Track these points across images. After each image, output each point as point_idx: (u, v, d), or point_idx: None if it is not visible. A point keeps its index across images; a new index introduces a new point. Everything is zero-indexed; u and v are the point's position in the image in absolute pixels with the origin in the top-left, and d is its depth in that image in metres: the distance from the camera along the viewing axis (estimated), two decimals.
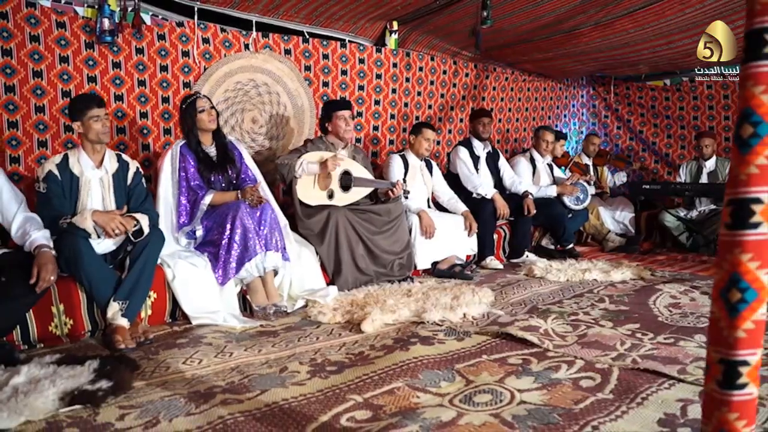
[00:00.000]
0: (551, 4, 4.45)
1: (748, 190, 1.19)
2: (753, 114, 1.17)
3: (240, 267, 3.25)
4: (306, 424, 1.92)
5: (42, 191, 2.88)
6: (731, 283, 1.21)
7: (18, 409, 1.94)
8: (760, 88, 1.17)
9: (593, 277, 4.10)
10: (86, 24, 3.81)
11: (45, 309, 2.74)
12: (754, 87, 1.17)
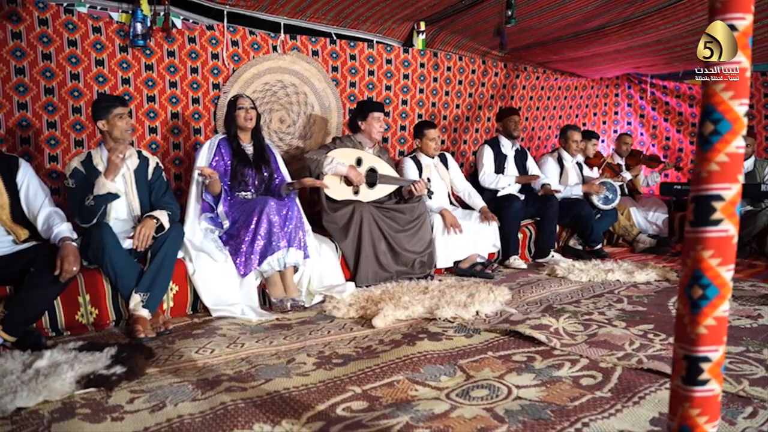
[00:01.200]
0: (576, 2, 4.42)
1: (709, 187, 1.20)
2: (713, 111, 1.19)
3: (262, 260, 3.36)
4: (303, 411, 2.00)
5: (71, 186, 3.04)
6: (693, 279, 1.23)
7: (37, 390, 2.07)
8: (721, 85, 1.18)
9: (616, 278, 4.05)
10: (120, 28, 3.98)
11: (72, 298, 2.90)
12: (714, 84, 1.18)
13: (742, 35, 1.17)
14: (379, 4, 4.58)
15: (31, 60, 3.70)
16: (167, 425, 1.90)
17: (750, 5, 1.16)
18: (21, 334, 2.61)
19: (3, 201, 2.82)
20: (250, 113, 3.62)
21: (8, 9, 3.60)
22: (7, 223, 2.81)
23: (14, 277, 2.71)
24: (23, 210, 2.88)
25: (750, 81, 1.27)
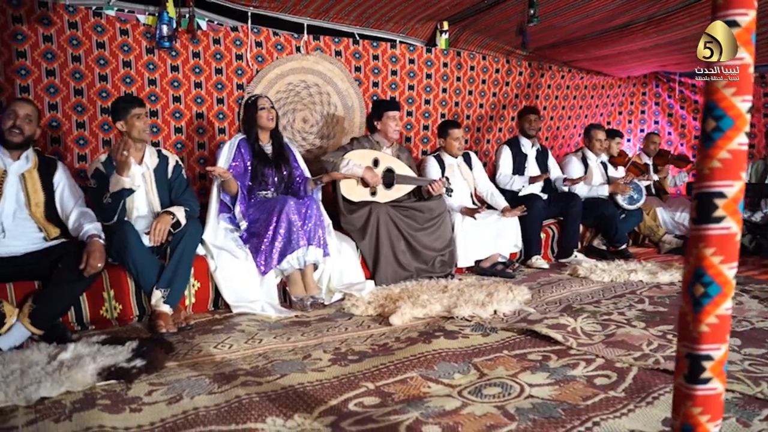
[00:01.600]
0: (599, 1, 4.38)
1: (712, 184, 1.19)
2: (716, 108, 1.18)
3: (282, 258, 3.40)
4: (315, 406, 2.03)
5: (93, 186, 3.13)
6: (695, 277, 1.22)
7: (60, 381, 2.15)
8: (723, 82, 1.17)
9: (639, 279, 4.01)
10: (147, 31, 4.07)
11: (97, 294, 2.98)
12: (718, 81, 1.18)
13: (745, 31, 1.16)
14: (401, 4, 4.59)
15: (62, 62, 3.81)
16: (183, 417, 1.95)
17: (753, 1, 1.15)
18: (48, 328, 2.70)
19: (39, 199, 2.92)
20: (272, 113, 3.68)
21: (40, 13, 3.71)
22: (40, 221, 2.91)
23: (43, 273, 2.80)
24: (57, 209, 2.98)
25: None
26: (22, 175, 2.86)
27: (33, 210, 2.87)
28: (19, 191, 2.84)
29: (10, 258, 2.79)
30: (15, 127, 2.80)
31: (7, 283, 2.77)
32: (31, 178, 2.89)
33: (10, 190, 2.82)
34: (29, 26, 3.69)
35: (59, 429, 1.86)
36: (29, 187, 2.87)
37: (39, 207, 2.89)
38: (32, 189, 2.87)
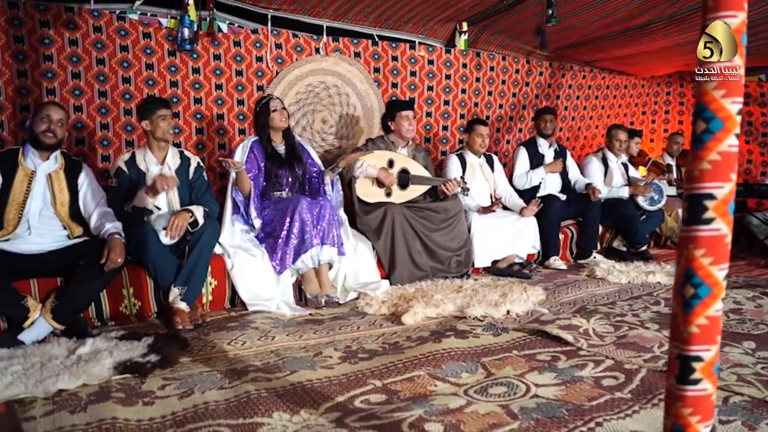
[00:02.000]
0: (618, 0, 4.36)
1: (702, 185, 1.20)
2: (706, 110, 1.19)
3: (296, 258, 3.45)
4: (322, 402, 2.07)
5: (114, 185, 3.22)
6: (686, 278, 1.23)
7: (77, 374, 2.22)
8: (713, 83, 1.18)
9: (657, 280, 3.97)
10: (169, 34, 4.16)
11: (117, 291, 3.07)
12: (706, 83, 1.18)
13: (735, 33, 1.16)
14: (419, 5, 4.62)
15: (86, 65, 3.92)
16: (193, 410, 2.00)
17: (743, 3, 1.16)
18: (69, 323, 2.79)
19: (64, 199, 3.01)
20: (284, 114, 3.73)
21: (66, 17, 3.82)
22: (65, 219, 3.01)
23: (65, 270, 2.90)
24: (80, 209, 3.07)
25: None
26: (49, 176, 2.96)
27: (58, 209, 2.97)
28: (46, 191, 2.95)
29: (35, 255, 2.89)
30: (49, 131, 2.90)
31: (31, 279, 2.87)
32: (58, 178, 2.98)
33: (38, 190, 2.92)
34: (56, 30, 3.80)
35: (74, 420, 1.92)
36: (55, 187, 2.96)
37: (64, 206, 2.98)
38: (58, 189, 2.97)
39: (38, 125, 2.89)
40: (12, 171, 2.87)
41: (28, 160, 2.93)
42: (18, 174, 2.88)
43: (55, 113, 2.92)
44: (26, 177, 2.90)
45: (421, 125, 5.30)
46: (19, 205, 2.86)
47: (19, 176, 2.88)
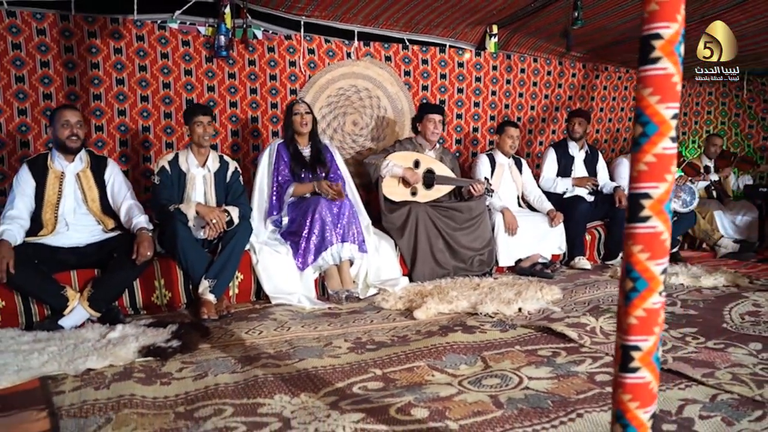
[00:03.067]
0: None
1: (639, 186, 1.28)
2: (642, 114, 1.27)
3: (317, 255, 3.62)
4: (322, 387, 2.21)
5: (156, 183, 3.46)
6: (626, 273, 1.31)
7: (105, 355, 2.44)
8: (648, 90, 1.26)
9: (680, 282, 3.96)
10: (206, 41, 4.40)
11: (149, 282, 3.30)
12: (643, 89, 1.27)
13: (668, 43, 1.24)
14: (448, 10, 4.73)
15: (129, 72, 4.19)
16: (204, 390, 2.18)
17: (675, 15, 1.23)
18: (104, 311, 3.03)
19: (94, 195, 3.27)
20: (305, 118, 3.88)
21: (111, 28, 4.10)
22: (97, 214, 3.26)
23: (101, 261, 3.15)
24: (109, 202, 3.32)
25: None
26: (78, 175, 3.22)
27: (90, 205, 3.22)
28: (76, 189, 3.20)
29: (74, 248, 3.15)
30: (73, 135, 3.16)
31: (71, 271, 3.12)
32: (86, 176, 3.24)
33: (69, 190, 3.18)
34: (102, 40, 4.08)
35: (97, 395, 2.13)
36: (84, 185, 3.22)
37: (95, 202, 3.24)
38: (87, 186, 3.23)
39: (61, 132, 3.13)
40: (43, 175, 3.14)
41: (56, 163, 3.19)
42: (49, 177, 3.15)
43: (72, 117, 3.16)
44: (57, 179, 3.16)
45: (451, 126, 5.40)
46: (54, 205, 3.13)
47: (50, 179, 3.15)
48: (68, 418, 1.95)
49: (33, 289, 2.95)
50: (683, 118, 6.89)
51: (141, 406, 2.04)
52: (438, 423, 1.90)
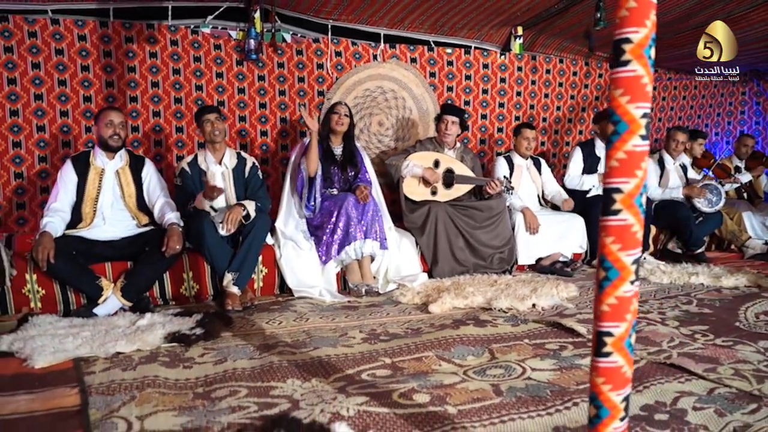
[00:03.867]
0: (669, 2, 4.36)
1: (611, 181, 1.37)
2: (614, 114, 1.35)
3: (341, 249, 3.75)
4: (332, 373, 2.33)
5: (178, 184, 3.66)
6: (599, 263, 1.40)
7: (134, 340, 2.61)
8: (619, 90, 1.34)
9: (700, 281, 3.95)
10: (237, 45, 4.58)
11: (178, 275, 3.48)
12: (615, 90, 1.35)
13: (637, 46, 1.32)
14: (472, 12, 4.81)
15: (164, 75, 4.40)
16: (222, 374, 2.33)
17: (644, 20, 1.32)
18: (135, 300, 3.22)
19: (131, 192, 3.47)
20: (342, 119, 4.02)
21: (147, 33, 4.32)
22: (133, 209, 3.46)
23: (134, 254, 3.34)
24: (145, 199, 3.51)
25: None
26: (117, 172, 3.42)
27: (127, 201, 3.42)
28: (115, 186, 3.41)
29: (110, 242, 3.35)
30: (115, 134, 3.36)
31: (106, 263, 3.32)
32: (124, 174, 3.44)
33: (108, 186, 3.39)
34: (138, 45, 4.30)
35: (124, 376, 2.29)
36: (123, 182, 3.42)
37: (131, 198, 3.43)
38: (125, 183, 3.42)
39: (104, 131, 3.34)
40: (85, 171, 3.35)
41: (98, 159, 3.40)
42: (90, 173, 3.36)
43: (116, 117, 3.37)
44: (97, 175, 3.37)
45: (476, 127, 5.47)
46: (93, 200, 3.33)
47: (91, 175, 3.35)
48: (97, 395, 2.12)
49: (71, 279, 3.16)
50: (716, 118, 6.81)
51: (163, 387, 2.19)
52: (437, 407, 2.01)
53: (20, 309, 3.19)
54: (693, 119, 6.63)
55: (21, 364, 2.41)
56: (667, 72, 6.23)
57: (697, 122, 6.65)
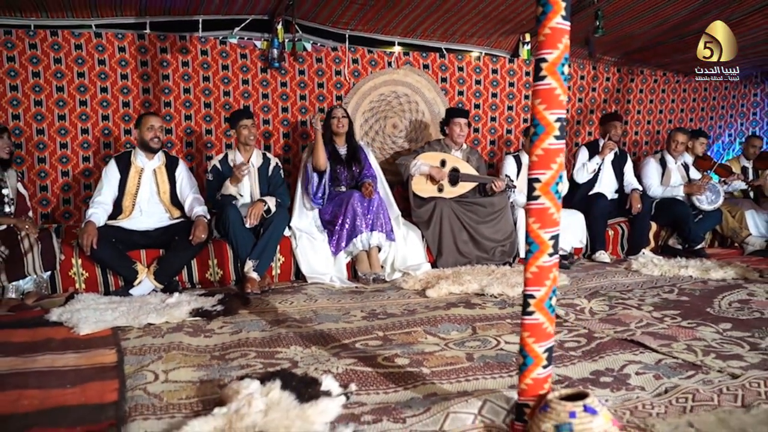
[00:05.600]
0: (668, 9, 4.61)
1: (532, 172, 1.70)
2: (534, 119, 1.69)
3: (349, 241, 4.12)
4: (330, 342, 2.70)
5: (209, 179, 4.07)
6: (525, 239, 1.73)
7: (162, 314, 3.03)
8: (539, 100, 1.68)
9: (689, 274, 4.19)
10: (261, 54, 5.00)
11: (204, 261, 3.90)
12: (535, 99, 1.68)
13: (551, 65, 1.65)
14: (480, 21, 5.13)
15: (195, 82, 4.83)
16: (237, 341, 2.72)
17: (557, 43, 1.65)
18: (166, 283, 3.65)
19: (166, 189, 3.91)
20: (341, 121, 4.39)
21: (180, 44, 4.76)
22: (167, 204, 3.90)
23: (165, 243, 3.77)
24: (177, 195, 3.94)
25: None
26: (154, 171, 3.86)
27: (162, 196, 3.86)
28: (152, 183, 3.85)
29: (145, 231, 3.79)
30: (155, 137, 3.81)
31: (141, 250, 3.76)
32: (161, 172, 3.88)
33: (146, 182, 3.83)
34: (172, 55, 4.75)
35: (154, 342, 2.70)
36: (159, 180, 3.86)
37: (166, 194, 3.87)
38: (161, 180, 3.86)
39: (146, 134, 3.78)
40: (127, 169, 3.81)
41: (138, 159, 3.85)
42: (131, 171, 3.81)
43: (156, 122, 3.82)
44: (137, 173, 3.82)
45: (486, 129, 5.78)
46: (133, 194, 3.78)
47: (132, 173, 3.81)
48: (131, 355, 2.53)
49: (111, 263, 3.61)
50: (729, 119, 6.97)
51: (186, 350, 2.59)
52: (414, 369, 2.36)
53: (67, 289, 3.64)
54: (705, 121, 6.79)
55: (69, 331, 2.85)
56: (675, 75, 6.43)
57: (709, 123, 6.81)
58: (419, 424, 1.82)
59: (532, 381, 1.75)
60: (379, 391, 2.14)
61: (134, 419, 1.88)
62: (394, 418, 1.86)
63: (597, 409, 1.60)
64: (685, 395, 2.06)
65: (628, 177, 5.32)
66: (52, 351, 2.58)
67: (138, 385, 2.17)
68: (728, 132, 6.99)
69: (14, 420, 1.89)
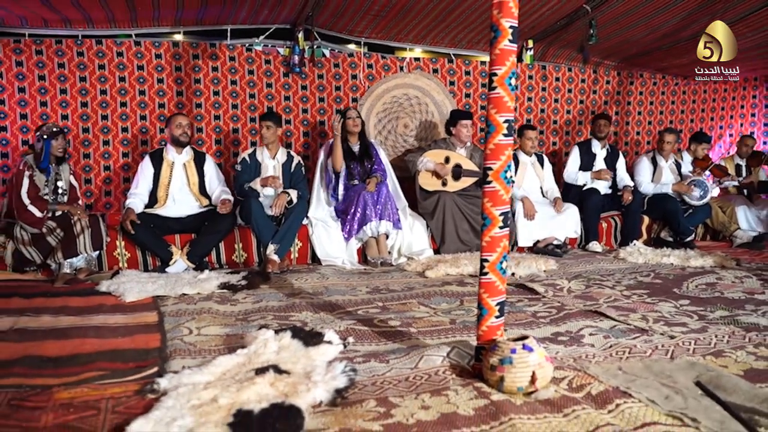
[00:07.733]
0: (659, 18, 4.98)
1: (487, 162, 2.15)
2: (488, 120, 2.13)
3: (360, 229, 4.59)
4: (336, 310, 3.17)
5: (238, 170, 4.60)
6: (481, 216, 2.18)
7: (195, 286, 3.54)
8: (491, 106, 2.12)
9: (670, 262, 4.57)
10: (284, 60, 5.49)
11: (230, 245, 4.41)
12: (489, 105, 2.13)
13: (501, 78, 2.09)
14: (485, 30, 5.55)
15: (223, 85, 5.35)
16: (257, 308, 3.21)
17: (506, 61, 2.09)
18: (197, 263, 4.17)
19: (195, 180, 4.43)
20: (356, 121, 4.88)
21: (210, 51, 5.28)
22: (196, 194, 4.42)
23: (196, 228, 4.29)
24: (205, 186, 4.46)
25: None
26: (184, 164, 4.39)
27: (191, 187, 4.38)
28: (182, 175, 4.38)
29: (178, 218, 4.32)
30: (184, 133, 4.33)
31: (175, 234, 4.29)
32: (190, 166, 4.40)
33: (177, 175, 4.37)
34: (203, 61, 5.27)
35: (188, 307, 3.20)
36: (189, 172, 4.39)
37: (195, 185, 4.40)
38: (191, 173, 4.39)
39: (175, 131, 4.33)
40: (160, 163, 4.35)
41: (170, 154, 4.39)
42: (164, 165, 4.34)
43: (183, 120, 4.36)
44: (168, 167, 4.35)
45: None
46: (166, 186, 4.33)
47: (164, 166, 4.34)
48: (169, 316, 3.03)
49: (149, 245, 4.14)
50: (729, 120, 7.27)
51: (215, 314, 3.08)
52: (403, 329, 2.82)
53: (112, 267, 4.18)
54: (706, 121, 7.11)
55: (117, 299, 3.37)
56: (674, 78, 6.77)
57: (710, 124, 7.13)
58: (399, 363, 2.28)
59: (487, 328, 2.20)
60: (372, 343, 2.61)
61: (174, 358, 2.37)
62: (380, 360, 2.33)
63: (533, 347, 2.04)
64: (623, 349, 2.49)
65: (620, 173, 5.70)
66: (104, 313, 3.10)
67: (176, 336, 2.67)
68: (729, 132, 7.29)
69: (81, 357, 2.40)
